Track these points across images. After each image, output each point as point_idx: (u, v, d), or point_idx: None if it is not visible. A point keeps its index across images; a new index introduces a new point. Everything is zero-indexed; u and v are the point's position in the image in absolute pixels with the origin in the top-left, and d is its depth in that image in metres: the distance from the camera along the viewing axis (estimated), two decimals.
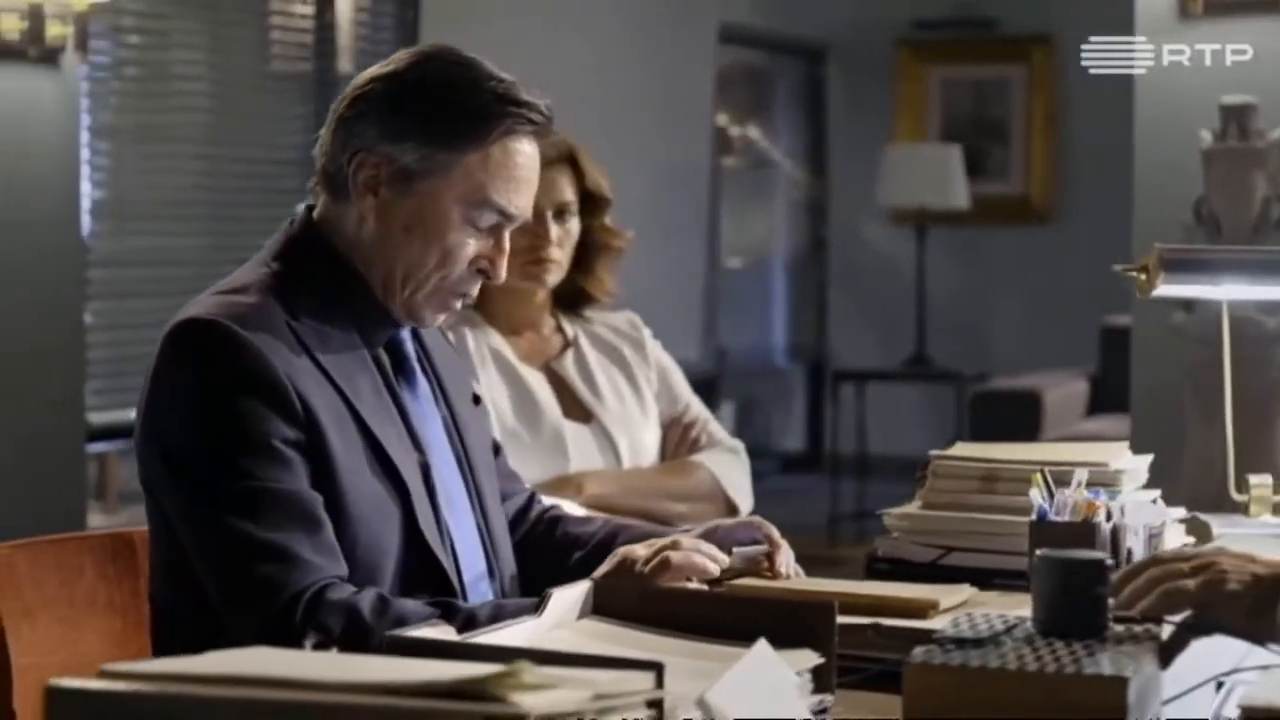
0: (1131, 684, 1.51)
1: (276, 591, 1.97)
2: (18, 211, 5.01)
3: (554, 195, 3.18)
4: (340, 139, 2.17)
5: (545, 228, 3.16)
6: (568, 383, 3.29)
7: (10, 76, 5.02)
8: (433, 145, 2.14)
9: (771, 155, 9.49)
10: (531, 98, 2.18)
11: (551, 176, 3.16)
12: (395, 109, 2.15)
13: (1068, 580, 1.65)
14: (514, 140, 2.17)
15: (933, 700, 1.54)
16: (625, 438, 3.26)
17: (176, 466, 2.05)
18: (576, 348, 3.33)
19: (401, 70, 2.18)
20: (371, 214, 2.16)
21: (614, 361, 3.34)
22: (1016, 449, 2.62)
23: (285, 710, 1.27)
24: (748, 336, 9.19)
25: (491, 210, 2.17)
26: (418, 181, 2.14)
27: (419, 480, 2.15)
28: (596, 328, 3.37)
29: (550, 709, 1.27)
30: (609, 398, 3.29)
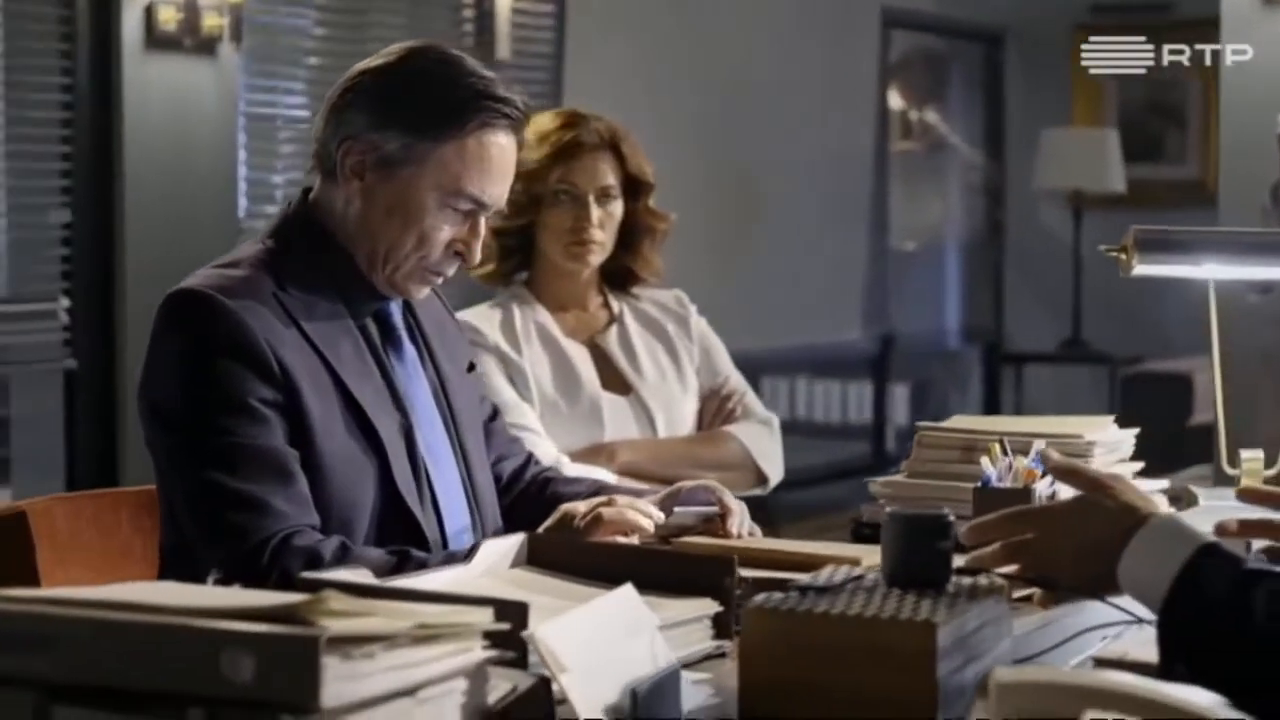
0: (941, 629, 1.62)
1: (246, 536, 2.16)
2: (178, 194, 5.30)
3: (597, 180, 3.33)
4: (332, 126, 2.37)
5: (587, 210, 3.31)
6: (610, 356, 3.42)
7: (168, 66, 5.31)
8: (413, 135, 2.33)
9: (948, 139, 9.52)
10: (509, 94, 2.35)
11: (594, 162, 3.33)
12: (381, 100, 2.34)
13: (911, 535, 1.76)
14: (489, 133, 2.34)
15: (764, 640, 1.68)
16: (662, 410, 3.39)
17: (164, 423, 2.26)
18: (621, 324, 3.46)
19: (389, 65, 2.37)
20: (357, 197, 2.35)
21: (657, 336, 3.47)
22: (1009, 422, 2.74)
23: (106, 627, 1.44)
24: (921, 319, 9.24)
25: (465, 198, 2.35)
26: (399, 168, 2.33)
27: (398, 440, 2.33)
28: (643, 304, 3.51)
29: (346, 631, 1.43)
30: (649, 372, 3.42)
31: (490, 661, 1.62)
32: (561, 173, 3.32)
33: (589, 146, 3.32)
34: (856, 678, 1.63)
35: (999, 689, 1.46)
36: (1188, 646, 1.73)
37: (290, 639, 1.40)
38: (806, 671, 1.65)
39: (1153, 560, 1.75)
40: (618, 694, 1.62)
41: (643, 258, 3.47)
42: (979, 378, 9.49)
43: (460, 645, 1.58)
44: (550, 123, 3.38)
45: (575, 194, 3.32)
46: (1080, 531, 1.83)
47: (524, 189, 3.28)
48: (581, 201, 3.31)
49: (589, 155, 3.32)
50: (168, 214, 5.22)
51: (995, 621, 1.77)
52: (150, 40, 5.27)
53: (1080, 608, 2.00)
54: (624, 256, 3.44)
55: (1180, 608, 1.73)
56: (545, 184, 3.32)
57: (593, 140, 3.32)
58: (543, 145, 3.32)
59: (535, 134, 3.31)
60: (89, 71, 5.23)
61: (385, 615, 1.50)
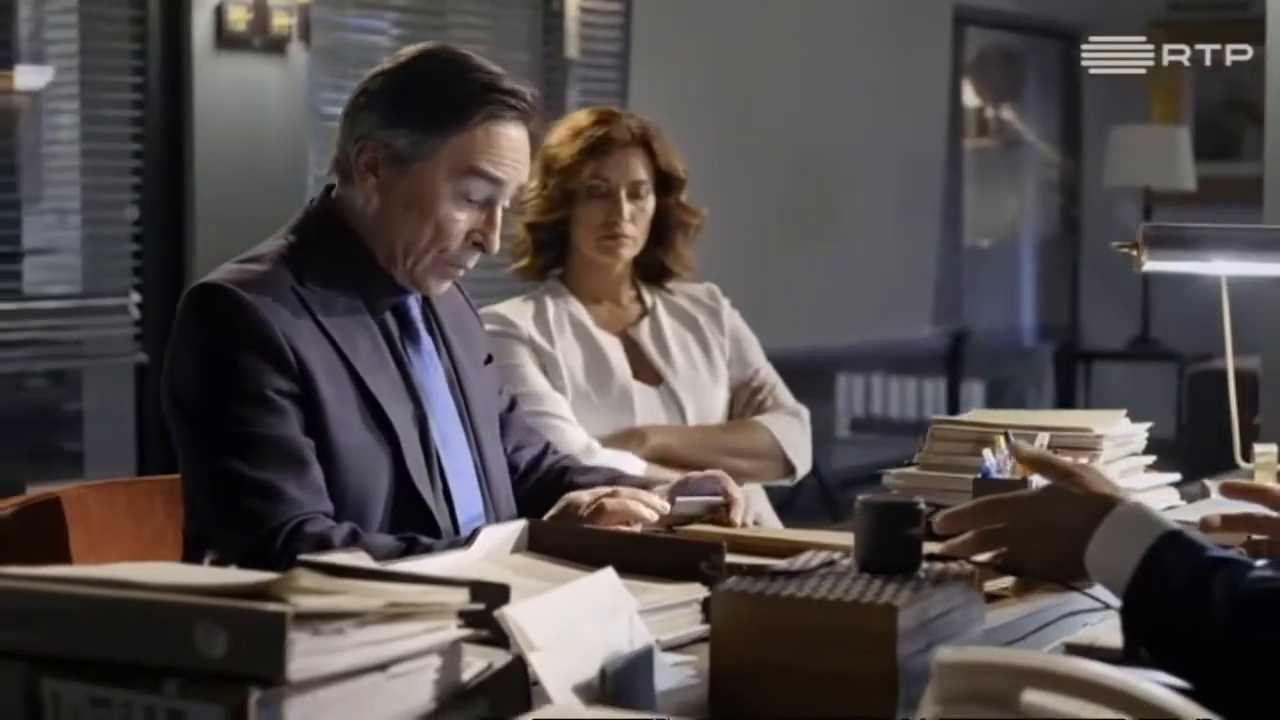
0: (903, 613, 1.67)
1: (261, 522, 2.24)
2: (247, 191, 5.40)
3: (628, 175, 3.41)
4: (348, 127, 2.45)
5: (619, 205, 3.39)
6: (641, 347, 3.49)
7: (238, 65, 5.41)
8: (422, 130, 2.40)
9: (1024, 136, 9.52)
10: (516, 86, 2.41)
11: (626, 157, 3.40)
12: (392, 100, 2.42)
13: (882, 522, 1.81)
14: (496, 124, 2.42)
15: (733, 623, 1.73)
16: (692, 400, 3.46)
17: (184, 413, 2.34)
18: (653, 316, 3.53)
19: (398, 66, 2.46)
20: (374, 194, 2.43)
21: (688, 328, 3.54)
22: (1023, 415, 2.77)
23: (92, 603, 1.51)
24: (996, 316, 9.24)
25: (479, 178, 2.41)
26: (411, 163, 2.41)
27: (412, 430, 2.40)
28: (676, 298, 3.58)
29: (315, 608, 1.50)
30: (680, 363, 3.49)
31: (468, 640, 1.69)
32: (594, 168, 3.39)
33: (620, 142, 3.40)
34: (822, 659, 1.68)
35: (939, 668, 1.51)
36: (1149, 631, 1.77)
37: (259, 614, 1.46)
38: (774, 653, 1.70)
39: (1118, 547, 1.79)
40: (590, 673, 1.67)
41: (675, 252, 3.54)
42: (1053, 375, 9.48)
43: (434, 624, 1.64)
44: (584, 120, 3.47)
45: (607, 189, 3.40)
46: (1050, 519, 1.87)
47: (558, 184, 3.40)
48: (614, 196, 3.39)
49: (620, 151, 3.40)
50: (236, 211, 5.32)
51: (964, 607, 1.81)
52: (220, 40, 5.37)
53: (1063, 597, 2.04)
54: (657, 251, 3.51)
55: (1142, 593, 1.77)
56: (578, 179, 3.40)
57: (624, 136, 3.40)
58: (576, 141, 3.40)
59: (569, 131, 3.43)
60: (160, 71, 5.34)
61: (357, 594, 1.57)
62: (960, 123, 8.78)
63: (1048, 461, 1.99)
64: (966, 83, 8.85)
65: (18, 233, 5.54)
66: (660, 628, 1.93)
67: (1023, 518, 1.90)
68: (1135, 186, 8.26)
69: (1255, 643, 1.69)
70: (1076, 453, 2.55)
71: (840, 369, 8.38)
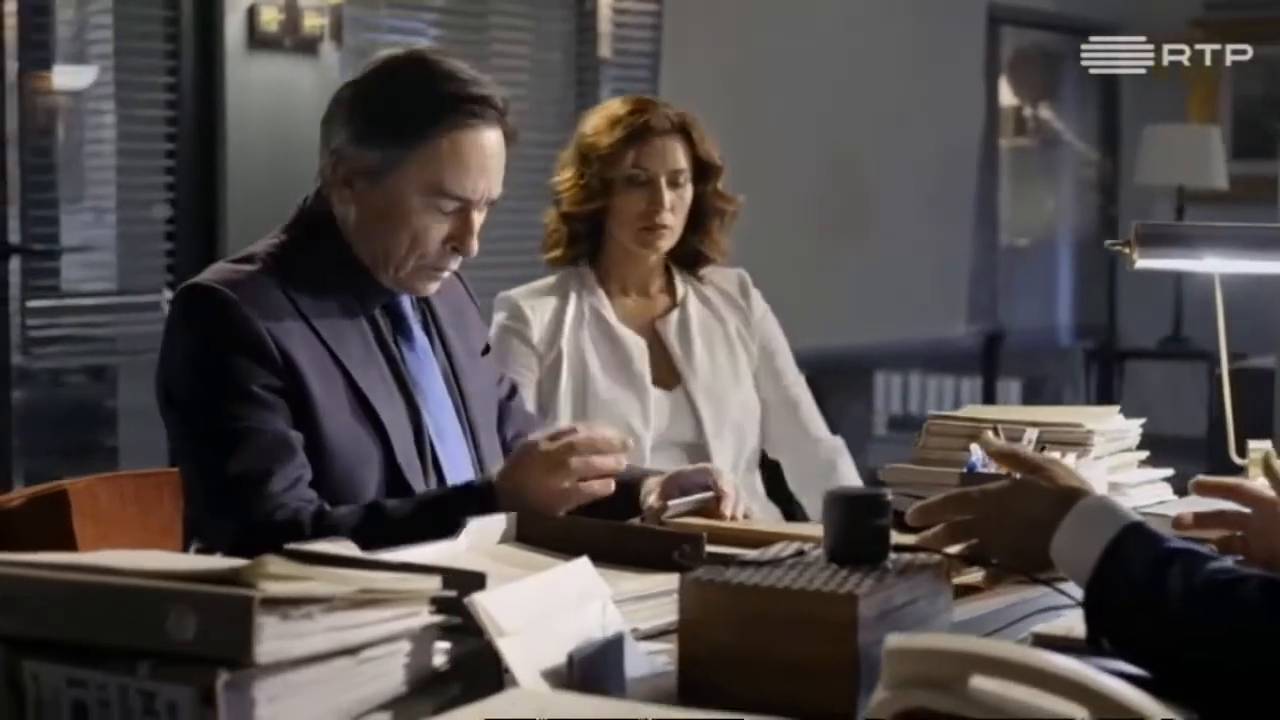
0: (864, 601, 1.71)
1: (249, 514, 2.30)
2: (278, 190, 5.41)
3: (669, 163, 3.38)
4: (323, 139, 2.51)
5: (660, 194, 3.36)
6: (665, 344, 3.46)
7: (270, 65, 5.47)
8: (389, 144, 2.46)
9: (1062, 135, 9.53)
10: (483, 92, 2.45)
11: (666, 146, 3.37)
12: (358, 113, 2.48)
13: (850, 513, 1.85)
14: (462, 132, 2.46)
15: (700, 611, 1.77)
16: (709, 406, 3.43)
17: (175, 409, 2.41)
18: (682, 309, 3.50)
19: (364, 78, 2.52)
20: (351, 204, 2.49)
21: (717, 321, 3.52)
22: (1018, 411, 2.81)
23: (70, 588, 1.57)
24: (1033, 315, 9.25)
25: (448, 197, 2.46)
26: (382, 176, 2.46)
27: (403, 423, 2.46)
28: (707, 288, 3.56)
29: (282, 593, 1.55)
30: (701, 363, 3.45)
31: (443, 627, 1.74)
32: (634, 157, 3.36)
33: (660, 130, 3.37)
34: (785, 646, 1.72)
35: (888, 654, 1.55)
36: (1110, 621, 1.81)
37: (228, 599, 1.51)
38: (740, 640, 1.74)
39: (1081, 539, 1.83)
40: (559, 659, 1.71)
41: (711, 239, 3.52)
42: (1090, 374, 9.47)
43: (406, 610, 1.69)
44: (620, 108, 3.43)
45: (647, 178, 3.37)
46: (1017, 512, 1.90)
47: (596, 173, 3.37)
48: (654, 185, 3.37)
49: (660, 139, 3.37)
50: (267, 210, 5.32)
51: (930, 597, 1.85)
52: (252, 40, 5.44)
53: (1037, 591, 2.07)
54: (693, 239, 3.49)
55: (1104, 584, 1.80)
56: (619, 168, 3.37)
57: (663, 125, 3.37)
58: (614, 130, 3.37)
59: (606, 120, 3.40)
60: (193, 71, 5.41)
61: (328, 580, 1.61)
62: (996, 122, 8.79)
63: (1016, 456, 2.03)
64: (1004, 82, 8.86)
65: (56, 231, 5.61)
66: (640, 616, 1.97)
67: (991, 510, 1.93)
68: (1168, 185, 8.26)
69: (1208, 632, 1.73)
70: (1066, 448, 2.58)
71: (877, 368, 8.40)
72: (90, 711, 1.54)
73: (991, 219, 8.68)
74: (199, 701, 1.50)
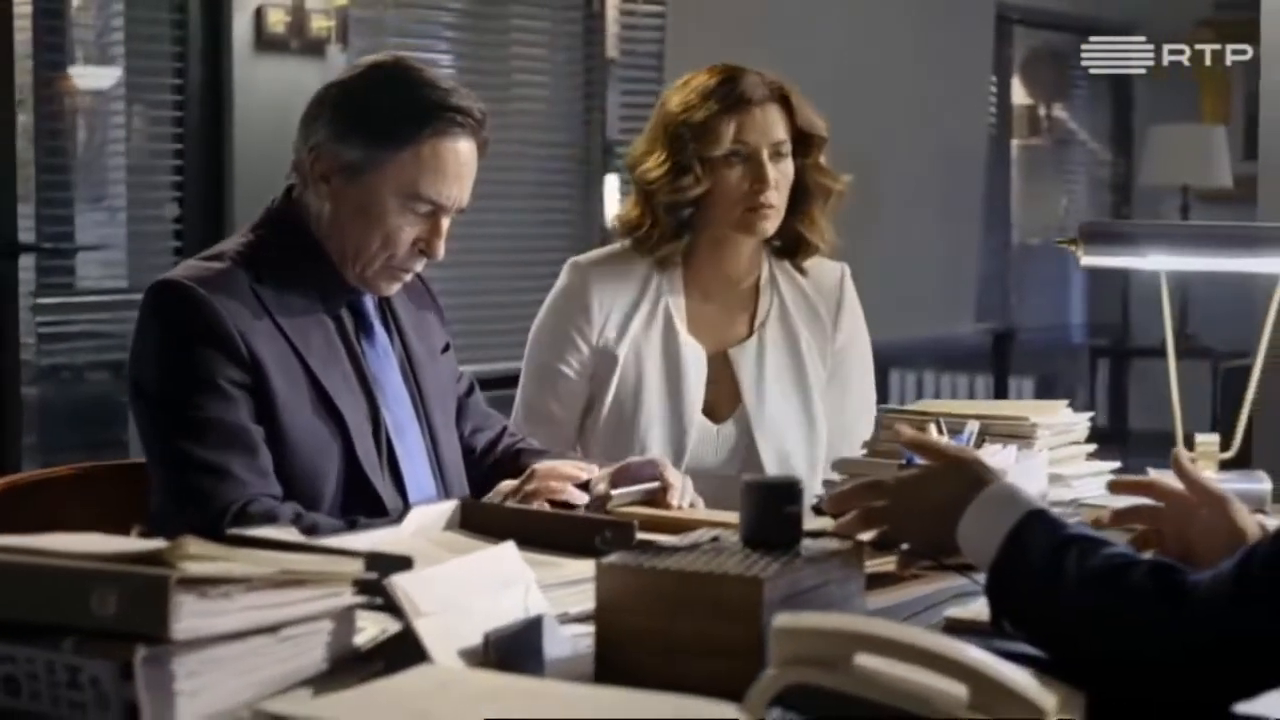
0: (769, 585, 1.78)
1: (209, 502, 2.38)
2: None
3: (770, 134, 3.07)
4: (303, 135, 2.58)
5: (763, 169, 3.05)
6: (734, 371, 3.18)
7: (277, 67, 5.55)
8: (372, 144, 2.53)
9: (1076, 134, 9.57)
10: (463, 102, 2.53)
11: (765, 115, 3.07)
12: (343, 112, 2.55)
13: (764, 500, 1.91)
14: (444, 140, 2.54)
15: (614, 593, 1.84)
16: (769, 442, 3.15)
17: (144, 399, 2.49)
18: (760, 338, 3.20)
19: (351, 78, 2.58)
20: (326, 201, 2.56)
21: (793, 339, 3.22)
22: (968, 405, 2.87)
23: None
24: (1045, 314, 9.30)
25: (423, 201, 2.54)
26: (361, 175, 2.54)
27: (363, 418, 2.54)
28: (797, 293, 3.26)
29: (200, 573, 1.62)
30: (771, 399, 3.18)
31: (367, 608, 1.81)
32: (735, 130, 3.05)
33: (759, 99, 3.06)
34: (696, 627, 1.78)
35: (775, 633, 1.62)
36: (1011, 605, 1.87)
37: (146, 579, 1.59)
38: (653, 622, 1.81)
39: (985, 525, 1.89)
40: (477, 639, 1.79)
41: (813, 223, 3.20)
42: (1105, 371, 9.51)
43: (328, 591, 1.77)
44: (708, 79, 3.09)
45: (748, 152, 3.07)
46: (927, 498, 1.97)
47: (693, 153, 3.06)
48: (756, 160, 3.05)
49: (759, 108, 3.06)
50: None
51: (841, 582, 1.91)
52: (259, 42, 5.53)
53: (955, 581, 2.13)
54: (794, 221, 3.16)
55: (1004, 568, 1.87)
56: (718, 145, 3.05)
57: (761, 93, 3.06)
58: (708, 102, 3.05)
59: (696, 93, 3.07)
60: (200, 72, 5.50)
61: (248, 562, 1.69)
62: (1009, 121, 8.84)
63: (928, 445, 2.09)
64: (1016, 81, 8.91)
65: (71, 230, 5.72)
66: (570, 601, 2.03)
67: (902, 497, 2.00)
68: (1173, 185, 8.32)
69: (1098, 615, 1.79)
70: (1010, 440, 2.64)
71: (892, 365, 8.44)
72: (20, 685, 1.62)
73: (1004, 218, 8.73)
74: (119, 676, 1.57)
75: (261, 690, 1.66)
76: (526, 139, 6.55)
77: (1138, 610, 1.76)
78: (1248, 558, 1.75)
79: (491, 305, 6.25)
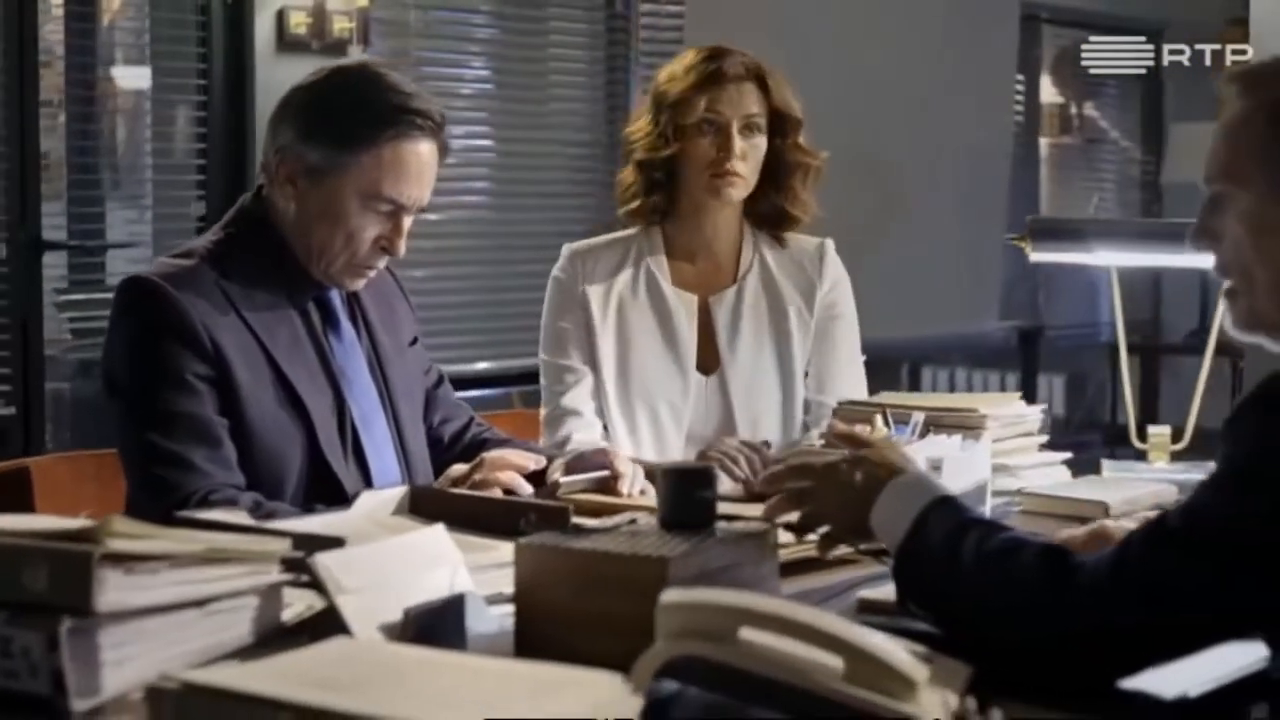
0: (675, 564, 1.86)
1: (173, 490, 2.48)
2: None
3: (741, 108, 3.26)
4: (270, 137, 2.69)
5: (730, 140, 3.24)
6: (713, 321, 3.34)
7: (298, 67, 5.63)
8: (335, 147, 2.63)
9: (1106, 133, 9.60)
10: (423, 106, 2.63)
11: (739, 91, 3.26)
12: (307, 116, 2.65)
13: (678, 485, 2.00)
14: (404, 142, 2.64)
15: (531, 572, 1.93)
16: (743, 396, 3.30)
17: (114, 392, 2.60)
18: (740, 286, 3.35)
19: (315, 83, 2.68)
20: (291, 201, 2.66)
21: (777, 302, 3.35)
22: (921, 398, 2.96)
23: None
24: (1076, 311, 9.33)
25: (384, 201, 2.64)
26: (324, 177, 2.64)
27: (327, 410, 2.64)
28: (781, 260, 3.39)
29: (125, 549, 1.72)
30: (744, 350, 3.32)
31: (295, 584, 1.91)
32: (706, 101, 3.25)
33: (733, 76, 3.27)
34: (604, 604, 1.86)
35: (662, 607, 1.70)
36: (914, 585, 1.96)
37: (72, 554, 1.70)
38: (567, 599, 1.89)
39: (896, 510, 1.98)
40: (399, 616, 1.88)
41: (795, 196, 3.37)
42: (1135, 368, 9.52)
43: (256, 568, 1.87)
44: (695, 56, 3.32)
45: (718, 123, 3.26)
46: (846, 484, 2.06)
47: (669, 119, 3.27)
48: (724, 131, 3.25)
49: (733, 84, 3.26)
50: None
51: (753, 564, 2.00)
52: (281, 43, 5.64)
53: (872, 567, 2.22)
54: (776, 196, 3.36)
55: (909, 551, 1.95)
56: (690, 113, 3.26)
57: (737, 71, 3.27)
58: (688, 75, 3.27)
59: (682, 66, 3.29)
60: (223, 73, 5.61)
61: (175, 540, 1.79)
62: (1037, 119, 8.87)
63: (851, 436, 2.18)
64: (1046, 80, 8.94)
65: (102, 227, 5.85)
66: (505, 581, 2.11)
67: (825, 481, 2.09)
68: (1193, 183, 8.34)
69: (988, 595, 1.87)
70: (956, 431, 2.72)
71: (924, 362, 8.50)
72: None
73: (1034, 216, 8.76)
74: (46, 646, 1.67)
75: (188, 661, 1.76)
76: (551, 138, 6.64)
77: (1022, 593, 1.84)
78: (1126, 546, 1.82)
79: (519, 302, 6.34)
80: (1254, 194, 1.91)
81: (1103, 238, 2.92)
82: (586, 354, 3.30)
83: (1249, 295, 1.95)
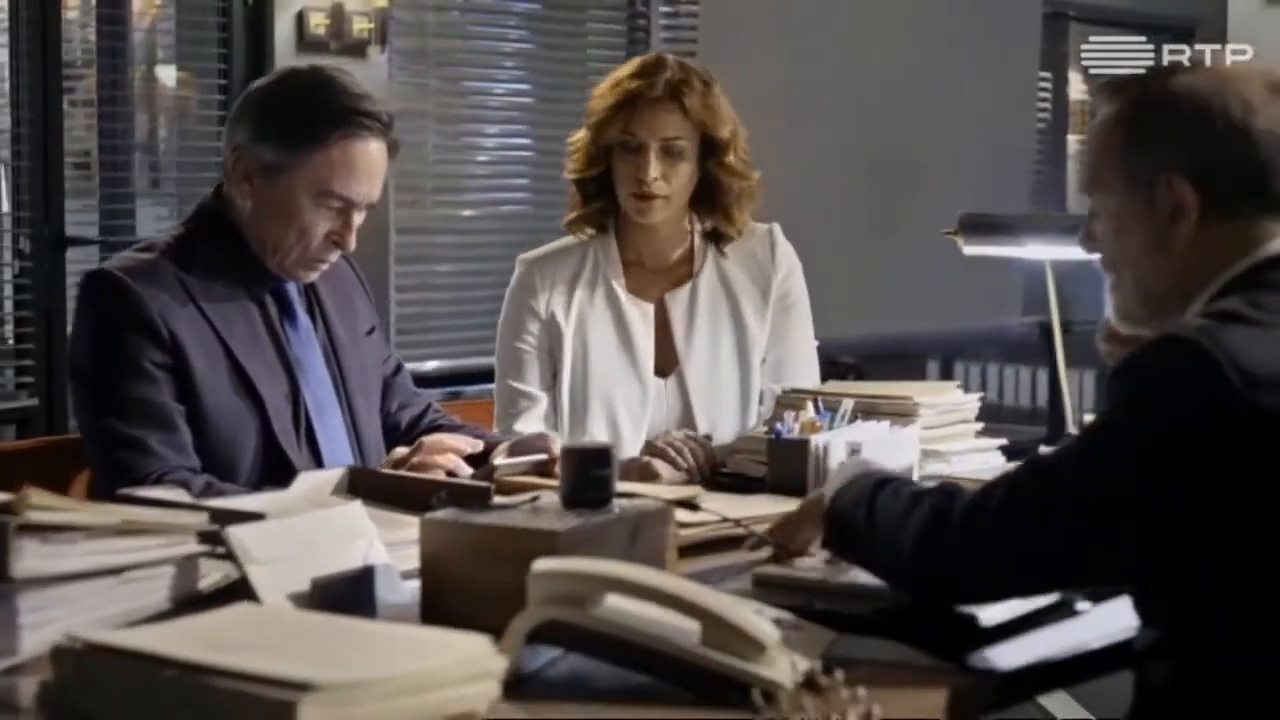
0: (564, 537, 1.98)
1: (129, 473, 2.62)
2: None
3: (657, 131, 3.26)
4: (227, 137, 2.83)
5: (646, 161, 3.25)
6: (669, 322, 3.38)
7: None
8: (287, 146, 2.77)
9: None
10: (373, 108, 2.76)
11: (654, 113, 3.25)
12: (261, 116, 2.79)
13: (576, 464, 2.12)
14: (353, 141, 2.78)
15: (436, 545, 2.05)
16: (702, 395, 3.35)
17: (77, 379, 2.76)
18: (694, 285, 3.39)
19: (269, 85, 2.83)
20: (248, 198, 2.81)
21: (732, 299, 3.40)
22: (860, 386, 3.06)
23: None
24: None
25: (334, 198, 2.78)
26: (277, 175, 2.78)
27: (281, 397, 2.78)
28: (731, 260, 3.42)
29: (40, 520, 1.85)
30: (699, 349, 3.37)
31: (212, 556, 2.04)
32: (623, 123, 3.26)
33: (650, 99, 3.26)
34: (501, 576, 1.97)
35: (532, 575, 1.83)
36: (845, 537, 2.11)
37: None
38: (466, 571, 2.02)
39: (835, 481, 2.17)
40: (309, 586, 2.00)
41: (727, 216, 3.39)
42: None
43: (173, 540, 2.00)
44: (625, 71, 3.32)
45: (635, 144, 3.27)
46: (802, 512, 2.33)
47: (593, 139, 3.30)
48: (643, 152, 3.26)
49: (650, 107, 3.26)
50: None
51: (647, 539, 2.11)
52: (301, 43, 5.76)
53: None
54: (711, 216, 3.39)
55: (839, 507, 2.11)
56: (609, 134, 3.28)
57: (656, 92, 3.25)
58: (610, 94, 3.29)
59: (609, 83, 3.30)
60: (244, 73, 5.74)
61: (91, 513, 1.93)
62: (1065, 118, 8.92)
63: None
64: (1075, 78, 8.99)
65: (132, 223, 5.99)
66: None
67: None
68: None
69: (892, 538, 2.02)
70: (892, 418, 2.83)
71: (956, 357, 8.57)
72: None
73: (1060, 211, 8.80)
74: None
75: (105, 626, 1.89)
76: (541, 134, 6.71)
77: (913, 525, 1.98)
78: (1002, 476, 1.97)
79: None
80: (1116, 197, 2.04)
81: (1033, 232, 3.02)
82: (543, 375, 3.36)
83: (1120, 290, 2.08)
